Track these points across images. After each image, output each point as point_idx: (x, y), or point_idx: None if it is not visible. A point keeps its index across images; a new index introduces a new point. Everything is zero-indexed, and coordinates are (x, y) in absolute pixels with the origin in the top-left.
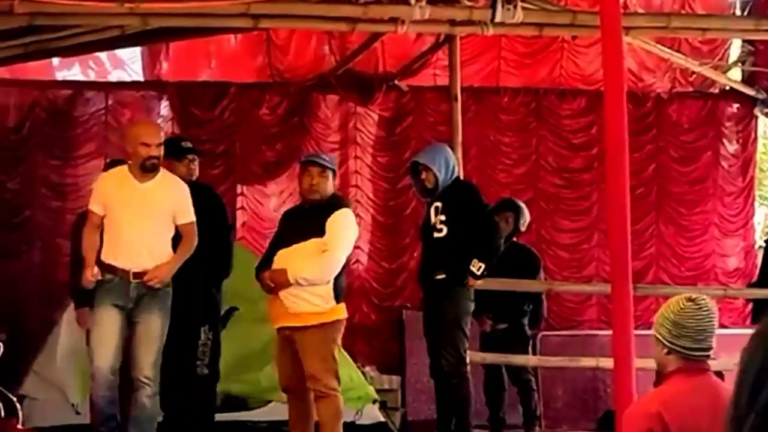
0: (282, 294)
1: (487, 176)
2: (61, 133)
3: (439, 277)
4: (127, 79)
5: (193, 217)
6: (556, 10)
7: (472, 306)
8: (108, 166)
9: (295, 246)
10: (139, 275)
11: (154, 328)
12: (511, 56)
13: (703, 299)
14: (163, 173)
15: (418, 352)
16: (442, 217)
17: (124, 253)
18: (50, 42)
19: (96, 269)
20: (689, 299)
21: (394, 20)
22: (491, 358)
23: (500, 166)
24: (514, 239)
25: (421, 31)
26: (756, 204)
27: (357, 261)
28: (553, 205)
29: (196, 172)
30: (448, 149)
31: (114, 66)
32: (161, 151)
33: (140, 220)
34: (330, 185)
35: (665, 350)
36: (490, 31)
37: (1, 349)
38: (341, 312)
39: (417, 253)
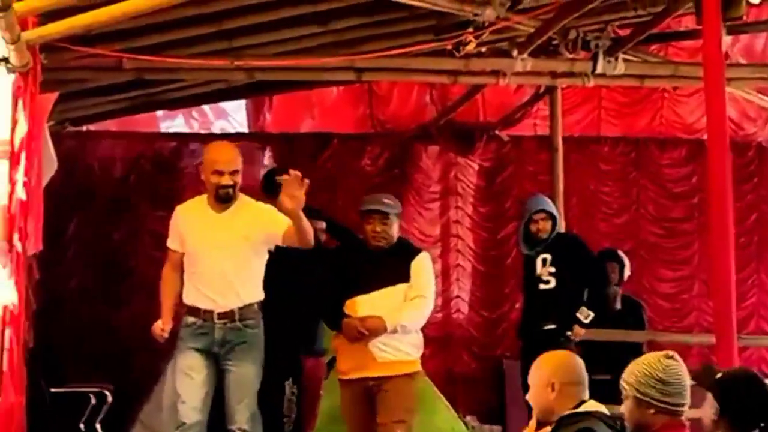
0: (371, 343)
1: (588, 226)
2: (165, 184)
3: (548, 327)
4: (231, 130)
5: (288, 222)
6: (657, 62)
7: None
8: None
9: (378, 292)
10: (224, 316)
11: (246, 374)
12: (611, 106)
13: (674, 353)
14: (241, 199)
15: (519, 402)
16: (551, 269)
17: (207, 293)
18: (156, 95)
19: (168, 322)
20: (668, 356)
21: (495, 73)
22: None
23: (600, 215)
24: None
25: (522, 83)
26: None
27: (458, 310)
28: (653, 254)
29: None
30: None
31: (217, 117)
32: (238, 178)
33: (222, 254)
34: (395, 230)
35: (652, 410)
36: (591, 83)
37: (109, 399)
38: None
39: (518, 304)
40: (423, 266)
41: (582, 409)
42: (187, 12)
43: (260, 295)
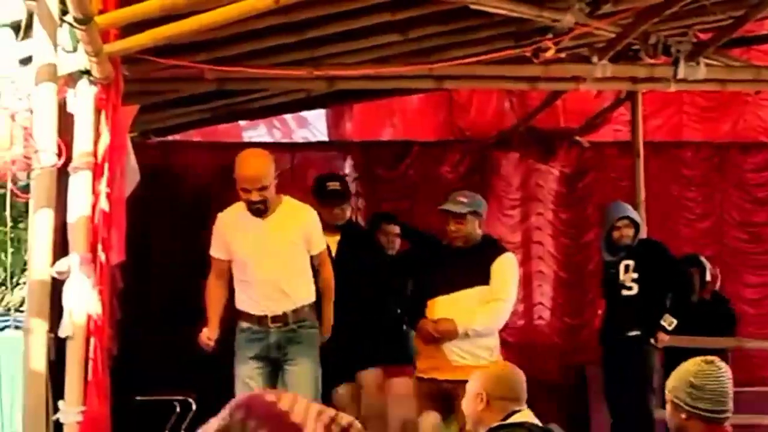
0: (446, 345)
1: (670, 231)
2: None
3: (632, 334)
4: (312, 138)
5: (324, 245)
6: (739, 66)
7: (658, 363)
8: None
9: (457, 293)
10: (278, 319)
11: (304, 372)
12: (693, 110)
13: (720, 362)
14: (285, 201)
15: (602, 409)
16: (634, 275)
17: (258, 297)
18: (238, 105)
19: (215, 331)
20: (707, 361)
21: (575, 78)
22: None
23: (683, 221)
24: (701, 295)
25: (602, 88)
26: None
27: (540, 317)
28: (737, 259)
29: (344, 216)
30: None
31: (299, 126)
32: (268, 193)
33: (271, 261)
34: (476, 228)
35: (684, 415)
36: (672, 88)
37: (194, 407)
38: None
39: (600, 311)
40: (503, 267)
41: (511, 420)
42: (268, 22)
43: (312, 296)
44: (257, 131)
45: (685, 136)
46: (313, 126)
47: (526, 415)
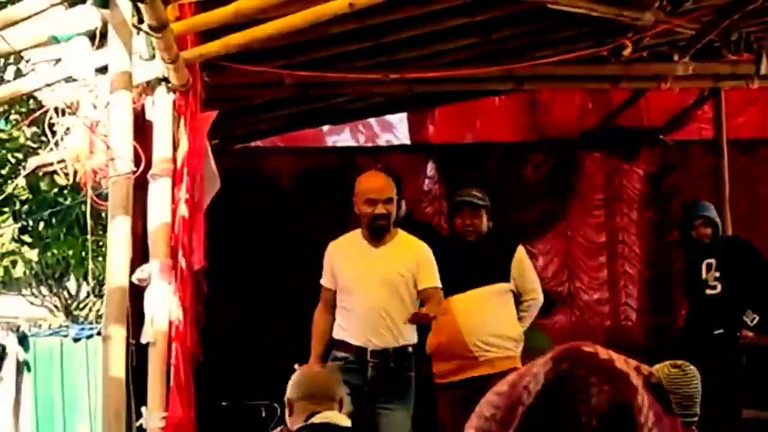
0: (469, 340)
1: (757, 229)
2: (332, 198)
3: (716, 332)
4: (395, 142)
5: (438, 283)
6: None
7: (743, 360)
8: None
9: (475, 291)
10: (377, 355)
11: (397, 420)
12: None
13: (689, 366)
14: (400, 234)
15: None
16: (717, 274)
17: (360, 329)
18: (319, 110)
19: (317, 365)
20: (675, 366)
21: (656, 77)
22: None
23: None
24: None
25: (684, 86)
26: None
27: (626, 317)
28: None
29: (404, 208)
30: None
31: (382, 129)
32: (392, 208)
33: (376, 289)
34: (485, 222)
35: None
36: (755, 85)
37: (279, 413)
38: None
39: (684, 311)
40: (524, 263)
41: (310, 421)
42: (346, 27)
43: (415, 337)
44: (341, 136)
45: None
46: (396, 129)
47: (327, 416)
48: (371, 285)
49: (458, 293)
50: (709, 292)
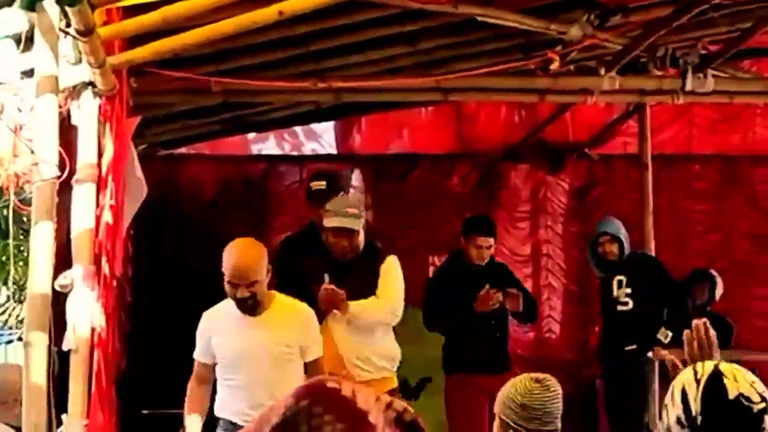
0: (347, 359)
1: (680, 245)
2: (255, 206)
3: (629, 348)
4: (321, 151)
5: (321, 352)
6: (747, 78)
7: (656, 376)
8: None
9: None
10: None
11: None
12: (703, 122)
13: (550, 380)
14: (278, 299)
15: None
16: (628, 290)
17: (244, 405)
18: (246, 118)
19: None
20: (536, 380)
21: (583, 91)
22: None
23: (693, 234)
24: (709, 309)
25: (610, 101)
26: None
27: (549, 330)
28: (748, 272)
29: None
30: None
31: (308, 138)
32: (259, 288)
33: (263, 364)
34: (361, 240)
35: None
36: (681, 100)
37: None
38: None
39: (598, 327)
40: (390, 269)
41: None
42: (275, 35)
43: None
44: (266, 144)
45: (695, 148)
46: (322, 138)
47: None
48: (257, 360)
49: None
50: (620, 308)
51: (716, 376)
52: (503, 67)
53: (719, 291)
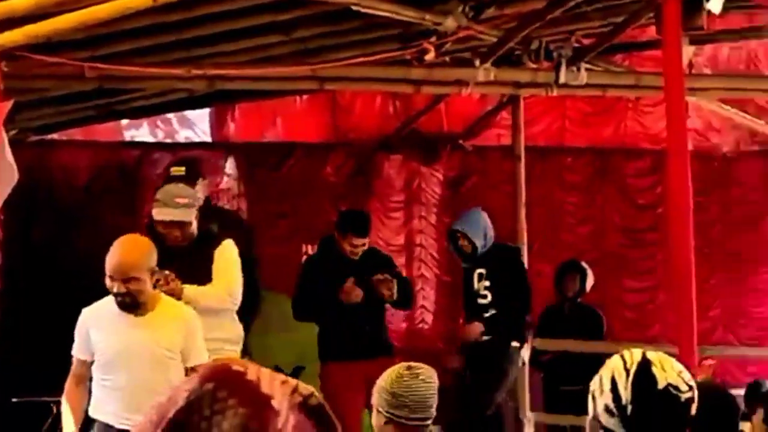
0: None
1: (552, 236)
2: (128, 193)
3: (487, 339)
4: (195, 139)
5: (206, 357)
6: (620, 72)
7: (516, 370)
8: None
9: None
10: None
11: None
12: (576, 115)
13: (422, 368)
14: (163, 301)
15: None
16: (486, 283)
17: (122, 410)
18: (120, 104)
19: None
20: (408, 368)
21: (458, 82)
22: (563, 420)
23: (565, 226)
24: (579, 300)
25: (485, 92)
26: None
27: (422, 320)
28: (618, 264)
29: (199, 196)
30: (484, 214)
31: (182, 126)
32: (139, 285)
33: (142, 367)
34: (194, 226)
35: (384, 420)
36: (554, 93)
37: None
38: None
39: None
40: (223, 254)
41: None
42: (149, 21)
43: None
44: (139, 131)
45: (568, 141)
46: (196, 126)
47: None
48: (137, 360)
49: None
50: (480, 301)
51: (645, 365)
52: (379, 57)
53: (590, 282)
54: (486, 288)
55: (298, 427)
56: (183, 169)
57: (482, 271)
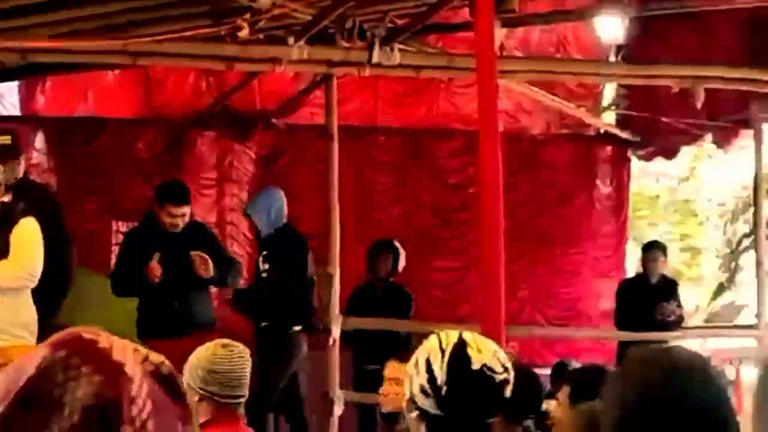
0: None
1: (364, 215)
2: None
3: (263, 325)
4: (3, 112)
5: None
6: (433, 53)
7: (300, 352)
8: None
9: None
10: None
11: None
12: (388, 95)
13: (237, 346)
14: None
15: None
16: (266, 266)
17: None
18: None
19: None
20: (223, 345)
21: (272, 60)
22: (367, 398)
23: (376, 205)
24: (391, 280)
25: (298, 70)
26: (629, 245)
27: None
28: (429, 244)
29: (18, 171)
30: (275, 194)
31: None
32: None
33: None
34: None
35: (197, 397)
36: (367, 72)
37: None
38: None
39: None
40: (21, 236)
41: None
42: None
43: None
44: None
45: (380, 121)
46: (4, 99)
47: None
48: None
49: None
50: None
51: (461, 345)
52: (192, 33)
53: (402, 262)
54: (265, 271)
55: (151, 394)
56: (9, 138)
57: (265, 252)
